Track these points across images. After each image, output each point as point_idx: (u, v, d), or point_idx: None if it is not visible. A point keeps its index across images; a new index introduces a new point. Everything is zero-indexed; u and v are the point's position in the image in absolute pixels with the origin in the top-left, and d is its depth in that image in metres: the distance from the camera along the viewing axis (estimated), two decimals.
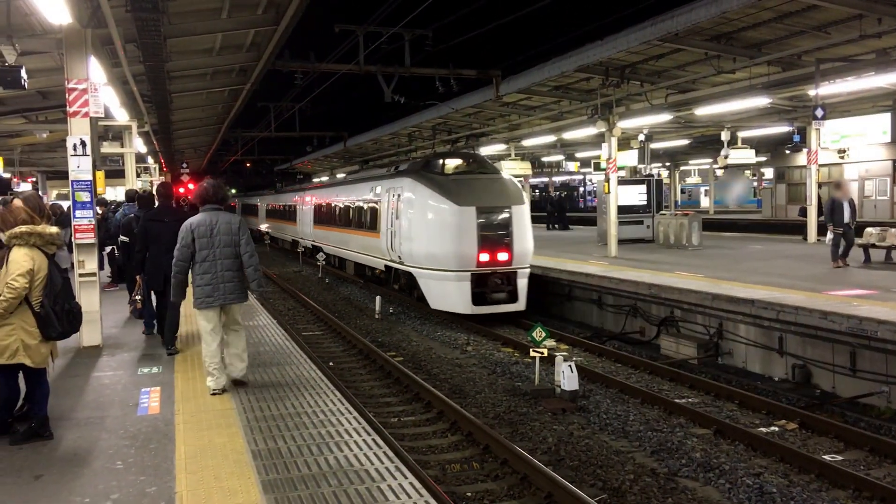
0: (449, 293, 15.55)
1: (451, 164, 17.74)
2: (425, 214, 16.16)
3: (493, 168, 18.28)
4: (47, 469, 5.32)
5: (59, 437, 5.97)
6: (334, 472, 5.16)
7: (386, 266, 18.87)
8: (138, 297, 10.32)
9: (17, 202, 6.10)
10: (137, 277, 10.02)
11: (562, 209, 34.07)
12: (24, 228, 5.78)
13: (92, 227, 9.30)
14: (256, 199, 49.18)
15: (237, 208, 52.64)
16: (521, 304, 15.65)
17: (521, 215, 15.89)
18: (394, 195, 17.70)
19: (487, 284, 15.39)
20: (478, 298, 15.29)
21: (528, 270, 15.92)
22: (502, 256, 15.40)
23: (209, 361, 7.18)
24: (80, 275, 9.29)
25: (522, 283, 15.67)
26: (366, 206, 20.40)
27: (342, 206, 23.63)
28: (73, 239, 9.35)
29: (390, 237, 17.77)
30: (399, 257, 17.30)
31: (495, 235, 15.51)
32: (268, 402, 6.85)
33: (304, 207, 30.67)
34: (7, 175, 24.69)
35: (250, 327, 10.83)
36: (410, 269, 16.80)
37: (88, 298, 9.11)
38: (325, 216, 26.32)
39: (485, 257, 15.28)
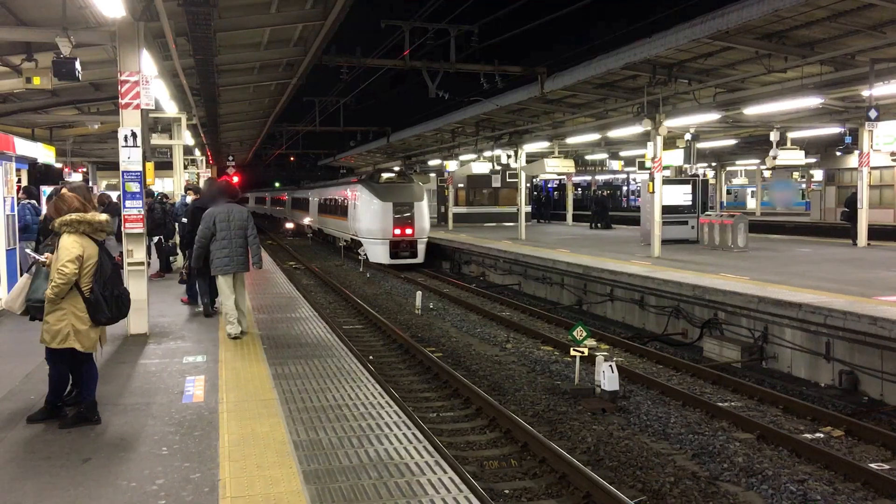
0: (377, 252, 26.33)
1: (385, 176, 30.03)
2: (366, 206, 26.89)
3: (409, 178, 29.53)
4: (95, 453, 5.44)
5: (106, 422, 6.10)
6: (374, 465, 5.19)
7: (351, 239, 29.04)
8: (184, 269, 12.58)
9: (66, 191, 6.24)
10: (186, 252, 11.98)
11: (604, 208, 33.86)
12: (73, 216, 5.91)
13: (141, 217, 9.43)
14: (284, 193, 59.74)
15: (268, 201, 66.70)
16: (420, 259, 26.43)
17: (422, 207, 26.58)
18: (353, 193, 28.63)
19: (399, 247, 26.15)
20: (393, 255, 26.05)
21: (426, 239, 26.74)
22: (408, 231, 26.21)
23: (230, 313, 9.29)
24: (129, 264, 9.42)
25: (421, 247, 26.55)
26: (341, 201, 31.16)
27: (331, 200, 34.26)
28: (122, 228, 9.49)
29: (351, 220, 28.74)
30: (355, 232, 28.18)
31: (404, 219, 26.16)
32: (309, 394, 6.92)
33: (312, 200, 41.41)
34: (59, 165, 25.22)
35: (292, 319, 10.97)
36: (360, 239, 27.46)
37: (136, 287, 9.25)
38: (322, 207, 37.11)
39: (398, 231, 26.10)
